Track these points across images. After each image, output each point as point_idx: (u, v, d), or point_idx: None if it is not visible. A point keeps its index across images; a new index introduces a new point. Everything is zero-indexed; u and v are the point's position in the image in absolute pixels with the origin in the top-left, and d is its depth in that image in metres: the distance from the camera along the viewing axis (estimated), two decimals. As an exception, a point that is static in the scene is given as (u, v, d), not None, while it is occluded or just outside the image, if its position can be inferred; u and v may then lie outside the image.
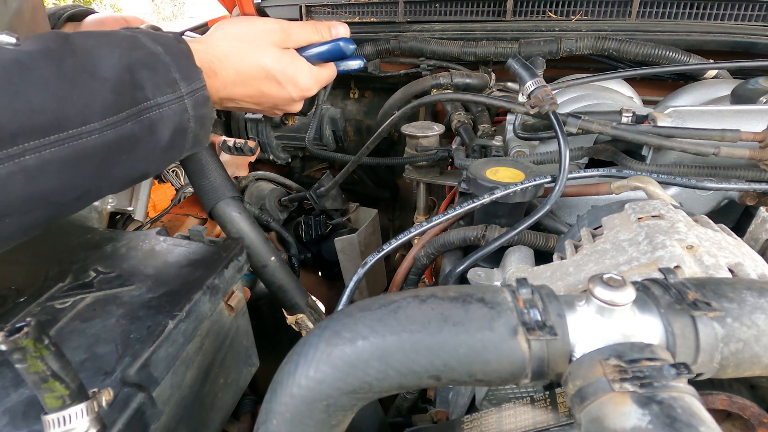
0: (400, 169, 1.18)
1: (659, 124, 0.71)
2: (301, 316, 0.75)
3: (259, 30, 0.59)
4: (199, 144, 0.55)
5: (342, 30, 0.66)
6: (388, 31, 1.28)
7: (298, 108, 0.68)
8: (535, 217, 0.63)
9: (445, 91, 1.12)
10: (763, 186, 0.63)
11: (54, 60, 0.41)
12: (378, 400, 0.67)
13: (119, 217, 0.98)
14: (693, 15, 1.07)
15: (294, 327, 0.77)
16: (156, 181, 1.08)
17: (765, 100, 0.72)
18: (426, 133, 1.07)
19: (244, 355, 0.70)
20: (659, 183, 0.60)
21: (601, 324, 0.32)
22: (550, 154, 0.81)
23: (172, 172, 1.10)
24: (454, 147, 1.00)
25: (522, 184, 0.65)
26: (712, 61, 0.99)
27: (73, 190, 0.43)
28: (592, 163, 0.81)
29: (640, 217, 0.49)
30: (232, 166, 1.37)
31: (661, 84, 1.12)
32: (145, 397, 0.44)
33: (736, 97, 0.77)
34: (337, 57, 0.67)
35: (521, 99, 0.72)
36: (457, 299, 0.34)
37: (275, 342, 0.89)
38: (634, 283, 0.33)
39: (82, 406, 0.34)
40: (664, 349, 0.31)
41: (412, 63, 1.28)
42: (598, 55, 1.09)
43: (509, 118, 0.85)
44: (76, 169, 0.42)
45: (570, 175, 0.66)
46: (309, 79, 0.64)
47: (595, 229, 0.55)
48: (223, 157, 1.39)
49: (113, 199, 0.80)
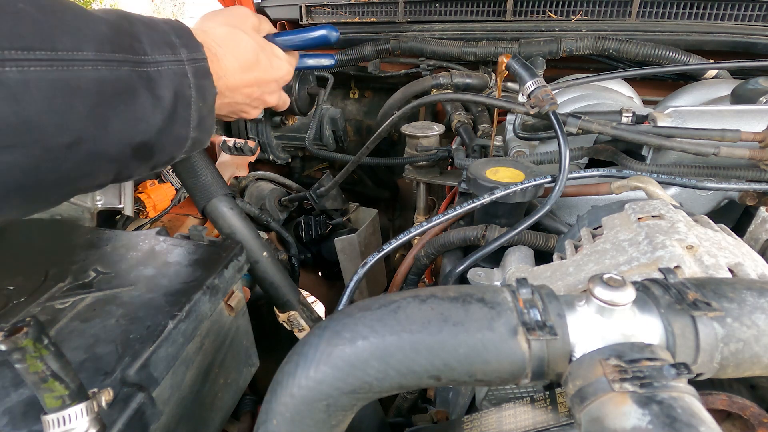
0: (400, 169, 1.18)
1: (659, 124, 0.71)
2: (293, 313, 0.75)
3: (239, 16, 0.59)
4: (203, 127, 0.52)
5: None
6: (388, 31, 1.28)
7: (278, 99, 0.68)
8: (535, 217, 0.63)
9: (445, 91, 1.12)
10: (763, 186, 0.63)
11: None
12: (378, 400, 0.67)
13: (119, 217, 0.98)
14: (693, 15, 1.07)
15: (286, 325, 0.77)
16: (156, 181, 1.08)
17: (765, 100, 0.72)
18: (426, 133, 1.07)
19: (244, 355, 0.70)
20: (659, 183, 0.60)
21: (601, 324, 0.32)
22: (550, 154, 0.81)
23: (172, 172, 1.10)
24: (454, 147, 1.00)
25: (522, 184, 0.65)
26: (712, 61, 0.99)
27: (63, 131, 0.38)
28: (592, 163, 0.81)
29: (640, 217, 0.49)
30: (232, 166, 1.37)
31: (661, 84, 1.12)
32: (145, 397, 0.44)
33: (736, 97, 0.77)
34: (320, 45, 0.70)
35: (521, 99, 0.72)
36: (457, 299, 0.34)
37: (275, 342, 0.90)
38: (634, 283, 0.33)
39: (81, 406, 0.34)
40: (664, 349, 0.31)
41: (412, 63, 1.28)
42: (598, 55, 1.09)
43: (509, 118, 0.85)
44: (66, 102, 0.38)
45: (570, 175, 0.66)
46: (285, 63, 0.65)
47: (595, 229, 0.55)
48: (223, 157, 1.39)
49: (101, 197, 0.80)
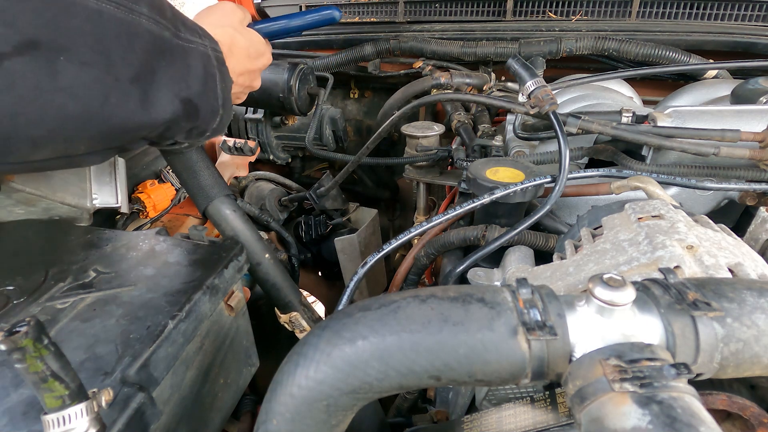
0: (400, 169, 1.18)
1: (659, 124, 0.71)
2: (295, 314, 0.75)
3: (228, 13, 0.64)
4: (226, 108, 0.58)
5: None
6: (388, 31, 1.28)
7: (259, 82, 0.71)
8: (535, 217, 0.63)
9: (445, 91, 1.12)
10: (763, 186, 0.63)
11: None
12: (378, 400, 0.67)
13: (119, 217, 0.98)
14: (693, 15, 1.07)
15: (287, 326, 0.77)
16: (156, 181, 1.08)
17: (765, 100, 0.72)
18: (426, 133, 1.07)
19: (244, 355, 0.70)
20: (659, 183, 0.60)
21: (601, 324, 0.32)
22: (550, 154, 0.81)
23: (173, 172, 1.10)
24: (454, 147, 1.00)
25: (522, 184, 0.65)
26: (712, 61, 0.99)
27: (127, 66, 0.45)
28: (592, 163, 0.81)
29: (640, 217, 0.49)
30: (232, 166, 1.37)
31: (661, 84, 1.12)
32: (145, 397, 0.44)
33: (736, 97, 0.77)
34: (324, 24, 0.73)
35: (521, 99, 0.72)
36: (457, 299, 0.34)
37: (275, 342, 0.90)
38: (634, 283, 0.33)
39: (81, 406, 0.34)
40: (664, 349, 0.31)
41: (412, 63, 1.28)
42: (598, 55, 1.09)
43: (509, 118, 0.85)
44: (128, 41, 0.44)
45: (570, 175, 0.66)
46: (267, 50, 0.68)
47: (595, 229, 0.55)
48: (223, 157, 1.39)
49: (97, 195, 0.80)
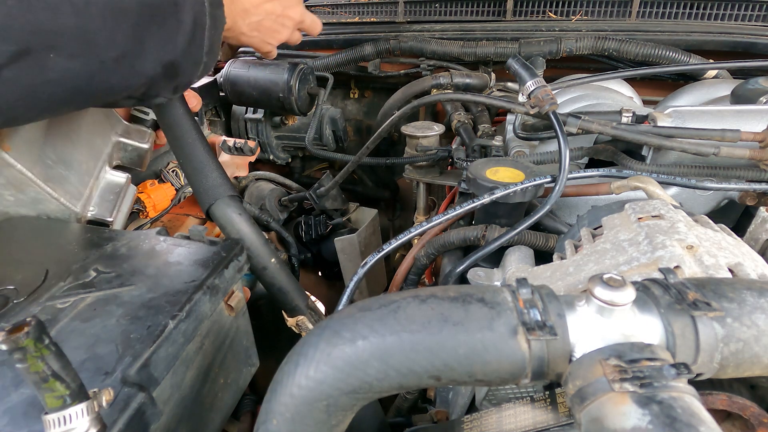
0: (400, 169, 1.18)
1: (659, 124, 0.71)
2: (302, 318, 0.75)
3: None
4: (212, 53, 0.59)
5: None
6: (388, 31, 1.28)
7: (301, 14, 0.72)
8: (535, 217, 0.63)
9: (445, 91, 1.12)
10: (763, 186, 0.63)
11: None
12: (378, 400, 0.67)
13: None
14: (693, 15, 1.07)
15: (294, 329, 0.77)
16: (156, 181, 1.08)
17: (765, 100, 0.72)
18: (426, 133, 1.07)
19: (244, 355, 0.70)
20: (659, 183, 0.60)
21: (601, 324, 0.32)
22: (550, 154, 0.81)
23: (172, 172, 1.10)
24: (454, 147, 1.00)
25: (522, 184, 0.65)
26: (712, 61, 0.99)
27: (113, 46, 0.47)
28: (592, 163, 0.81)
29: (640, 217, 0.49)
30: (232, 166, 1.37)
31: (661, 84, 1.12)
32: (145, 397, 0.44)
33: (736, 97, 0.77)
34: None
35: (521, 99, 0.72)
36: (457, 299, 0.34)
37: (275, 342, 0.90)
38: (634, 283, 0.33)
39: (82, 406, 0.34)
40: (664, 349, 0.31)
41: (412, 63, 1.28)
42: (598, 55, 1.09)
43: (509, 118, 0.85)
44: (115, 20, 0.46)
45: (570, 175, 0.66)
46: (300, 4, 0.70)
47: (595, 229, 0.55)
48: (223, 157, 1.39)
49: (95, 208, 0.80)
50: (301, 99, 1.21)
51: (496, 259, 0.68)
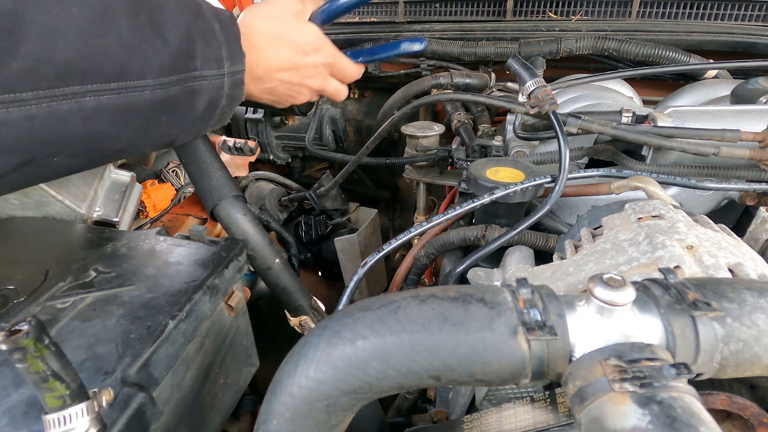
0: (400, 169, 1.18)
1: (659, 124, 0.71)
2: (305, 318, 0.75)
3: (282, 4, 0.63)
4: (221, 121, 0.59)
5: None
6: (388, 31, 1.28)
7: (323, 83, 0.68)
8: (535, 217, 0.63)
9: (445, 91, 1.12)
10: (763, 186, 0.63)
11: (132, 11, 0.44)
12: (378, 400, 0.67)
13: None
14: (693, 15, 1.07)
15: (297, 329, 0.77)
16: (156, 181, 1.08)
17: (765, 100, 0.72)
18: (426, 133, 1.07)
19: (244, 355, 0.70)
20: (659, 183, 0.60)
21: (601, 324, 0.32)
22: (550, 154, 0.81)
23: (172, 172, 1.10)
24: (454, 147, 1.00)
25: (522, 184, 0.65)
26: (712, 61, 0.99)
27: (117, 141, 0.47)
28: (592, 163, 0.81)
29: (640, 217, 0.49)
30: (232, 166, 1.37)
31: (661, 84, 1.12)
32: (145, 397, 0.44)
33: (736, 97, 0.77)
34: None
35: (521, 99, 0.72)
36: (457, 299, 0.34)
37: (275, 342, 0.90)
38: (634, 283, 0.33)
39: (82, 406, 0.34)
40: (664, 349, 0.31)
41: (412, 63, 1.28)
42: (598, 55, 1.09)
43: (509, 118, 0.85)
44: (125, 120, 0.45)
45: (570, 175, 0.66)
46: (327, 46, 0.66)
47: (595, 229, 0.55)
48: (223, 157, 1.39)
49: (100, 208, 0.79)
50: (301, 99, 1.21)
51: (496, 259, 0.68)
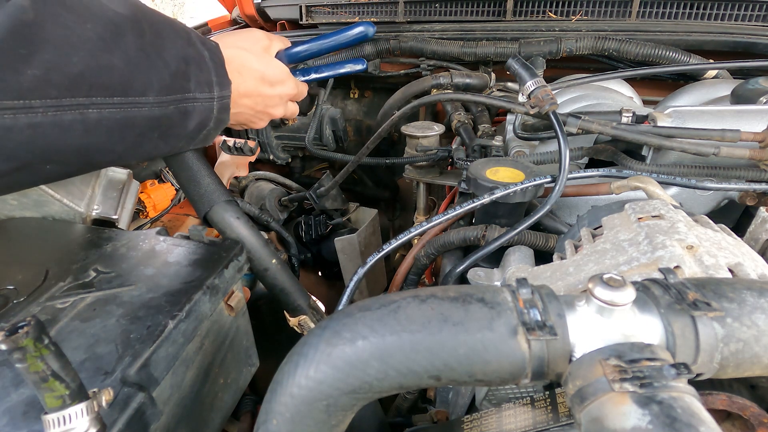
0: (400, 169, 1.18)
1: (659, 124, 0.71)
2: (304, 317, 0.75)
3: (251, 39, 0.67)
4: (204, 142, 0.61)
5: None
6: (388, 31, 1.28)
7: (284, 111, 0.73)
8: (535, 217, 0.63)
9: (445, 91, 1.12)
10: (763, 186, 0.63)
11: (138, 31, 0.46)
12: (378, 400, 0.67)
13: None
14: (693, 15, 1.07)
15: (297, 329, 0.77)
16: (156, 181, 1.08)
17: (765, 100, 0.72)
18: (426, 133, 1.07)
19: (244, 355, 0.70)
20: (659, 183, 0.60)
21: (601, 324, 0.32)
22: (550, 154, 0.81)
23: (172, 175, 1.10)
24: (454, 147, 1.00)
25: (522, 184, 0.65)
26: (712, 61, 0.99)
27: (110, 153, 0.48)
28: (592, 163, 0.80)
29: (640, 217, 0.49)
30: (232, 166, 1.37)
31: (661, 84, 1.12)
32: (145, 397, 0.44)
33: (736, 97, 0.77)
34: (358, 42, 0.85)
35: (521, 99, 0.72)
36: (457, 299, 0.34)
37: (275, 342, 0.89)
38: (634, 283, 0.33)
39: (82, 406, 0.34)
40: (664, 349, 0.31)
41: (412, 63, 1.28)
42: (598, 55, 1.09)
43: (509, 118, 0.85)
44: (121, 135, 0.47)
45: (570, 175, 0.66)
46: (289, 81, 0.71)
47: (595, 229, 0.55)
48: (223, 157, 1.39)
49: (99, 206, 0.79)
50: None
51: (496, 259, 0.68)
